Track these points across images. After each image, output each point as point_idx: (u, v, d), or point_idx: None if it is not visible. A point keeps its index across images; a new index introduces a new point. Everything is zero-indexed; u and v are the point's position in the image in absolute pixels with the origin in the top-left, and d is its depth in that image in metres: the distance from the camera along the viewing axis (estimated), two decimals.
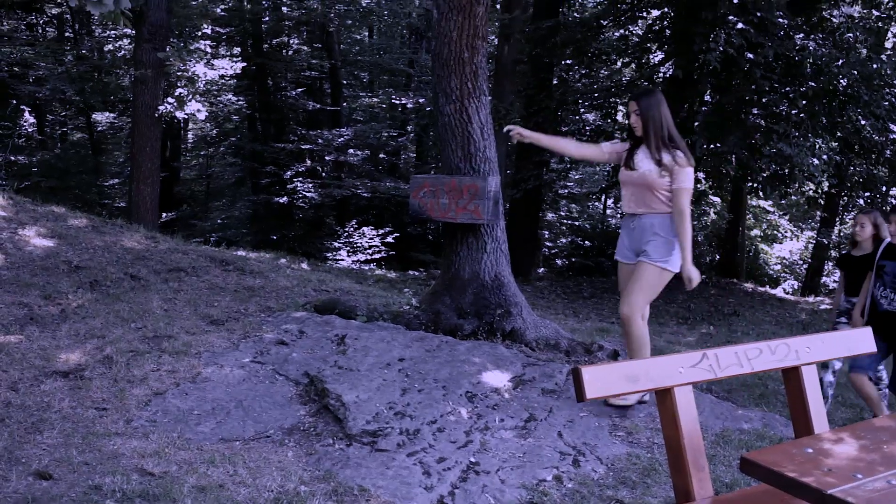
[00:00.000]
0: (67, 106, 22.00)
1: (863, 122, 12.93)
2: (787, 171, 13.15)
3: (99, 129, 21.96)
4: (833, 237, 21.05)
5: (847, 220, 23.31)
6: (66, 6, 19.57)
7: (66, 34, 22.36)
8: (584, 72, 17.15)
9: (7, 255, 6.64)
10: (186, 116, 15.35)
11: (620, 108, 17.10)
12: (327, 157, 21.03)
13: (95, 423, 4.16)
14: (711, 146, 13.28)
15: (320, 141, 20.22)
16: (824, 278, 22.21)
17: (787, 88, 12.86)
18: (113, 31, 21.30)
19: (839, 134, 13.63)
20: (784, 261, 26.17)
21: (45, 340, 5.23)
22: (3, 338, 5.17)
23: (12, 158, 18.63)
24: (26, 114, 21.73)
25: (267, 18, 21.46)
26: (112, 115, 21.81)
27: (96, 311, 5.85)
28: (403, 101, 23.25)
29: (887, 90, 12.68)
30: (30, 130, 22.33)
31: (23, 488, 3.43)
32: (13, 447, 3.79)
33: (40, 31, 21.69)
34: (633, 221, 4.90)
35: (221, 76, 20.56)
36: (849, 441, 2.52)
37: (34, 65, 17.77)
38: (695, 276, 4.66)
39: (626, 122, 4.93)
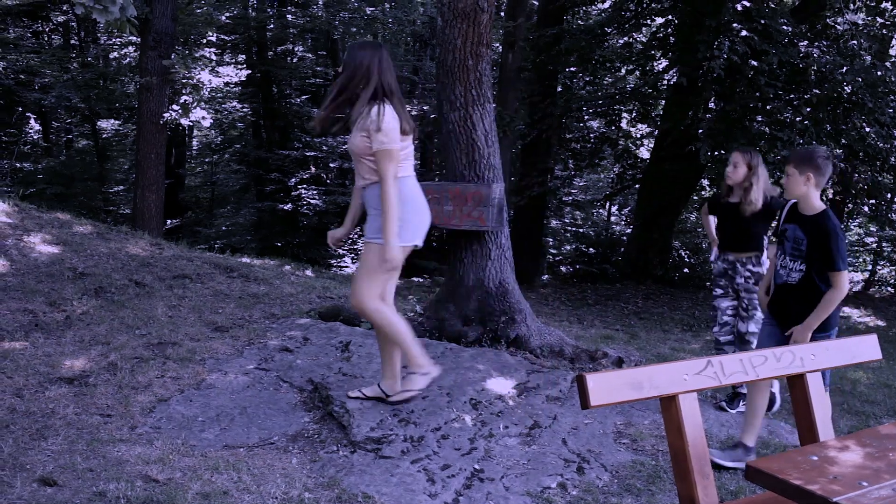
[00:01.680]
0: (73, 113, 22.08)
1: (867, 130, 12.90)
2: None
3: (104, 136, 22.04)
4: None
5: (852, 227, 23.27)
6: (72, 14, 19.65)
7: (72, 42, 22.45)
8: (588, 79, 17.15)
9: (12, 262, 6.65)
10: (191, 123, 15.39)
11: (625, 115, 17.11)
12: (332, 164, 21.07)
13: (100, 429, 4.17)
14: (716, 153, 13.28)
15: (325, 148, 20.27)
16: None
17: (792, 96, 12.85)
18: (118, 39, 21.39)
19: (844, 141, 13.60)
20: None
21: (49, 347, 5.24)
22: (8, 344, 5.18)
23: (18, 165, 18.72)
24: (32, 121, 21.81)
25: (272, 26, 21.53)
26: (117, 122, 21.91)
27: (101, 318, 5.86)
28: (408, 109, 23.28)
29: (892, 97, 12.65)
30: (35, 137, 22.41)
31: (27, 495, 3.43)
32: (18, 453, 3.79)
33: (46, 38, 21.77)
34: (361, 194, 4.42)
35: (226, 83, 20.63)
36: (854, 449, 2.51)
37: (40, 72, 17.85)
38: (395, 257, 4.14)
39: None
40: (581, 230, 23.54)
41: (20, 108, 20.14)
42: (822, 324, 4.17)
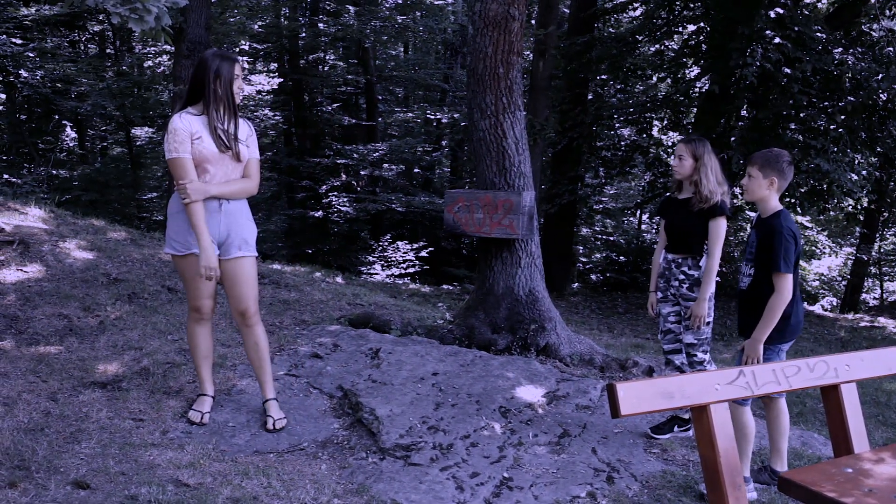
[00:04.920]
0: (108, 121, 22.34)
1: None
2: (825, 186, 13.00)
3: (138, 143, 22.25)
4: (873, 253, 20.71)
5: (888, 236, 22.94)
6: (107, 24, 19.92)
7: (108, 51, 22.74)
8: (619, 87, 17.09)
9: (48, 268, 6.75)
10: None
11: (656, 123, 17.01)
12: (362, 172, 21.15)
13: (132, 433, 4.21)
14: None
15: (355, 156, 20.34)
16: (864, 295, 21.85)
17: (826, 103, 12.72)
18: (153, 48, 21.64)
19: (879, 149, 13.43)
20: (823, 277, 25.84)
21: (83, 351, 5.30)
22: (43, 348, 5.25)
23: (54, 172, 18.94)
24: (68, 129, 22.10)
25: (303, 35, 21.68)
26: (151, 129, 22.13)
27: (134, 323, 5.92)
28: (438, 117, 23.34)
29: None
30: (71, 145, 22.69)
31: (61, 497, 3.47)
32: (52, 456, 3.84)
33: (82, 47, 22.07)
34: (217, 205, 4.23)
35: (258, 92, 20.77)
36: (889, 461, 2.48)
37: (76, 81, 18.07)
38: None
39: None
40: (611, 238, 23.42)
41: (56, 116, 20.42)
42: (773, 335, 3.89)
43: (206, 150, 4.13)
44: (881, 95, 12.24)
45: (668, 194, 4.92)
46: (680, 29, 15.69)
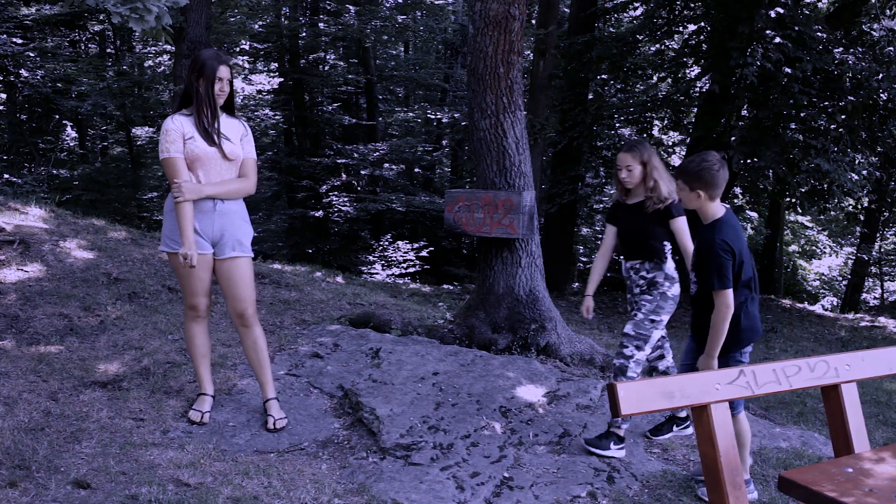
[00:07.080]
0: (108, 120, 22.36)
1: None
2: (825, 186, 13.00)
3: (138, 143, 22.28)
4: (874, 253, 20.71)
5: (889, 235, 22.94)
6: (108, 23, 19.93)
7: (108, 51, 22.77)
8: (619, 86, 17.10)
9: (49, 267, 6.75)
10: None
11: (656, 122, 17.02)
12: (363, 172, 21.15)
13: (133, 433, 4.21)
14: (748, 161, 13.16)
15: (356, 155, 20.36)
16: (865, 294, 21.85)
17: (826, 103, 12.73)
18: (153, 48, 21.67)
19: (879, 149, 13.44)
20: (823, 277, 25.84)
21: (84, 351, 5.30)
22: (43, 348, 5.25)
23: (54, 172, 18.96)
24: (68, 128, 22.12)
25: (304, 34, 21.69)
26: (151, 129, 22.15)
27: (134, 323, 5.92)
28: (438, 116, 23.34)
29: None
30: (71, 144, 22.71)
31: (62, 497, 3.47)
32: (53, 456, 3.84)
33: (83, 47, 22.10)
34: (212, 206, 4.25)
35: (259, 91, 20.78)
36: (890, 461, 2.48)
37: (76, 80, 18.10)
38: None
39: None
40: None
41: (57, 116, 20.45)
42: (728, 344, 3.76)
43: (198, 150, 4.16)
44: (881, 95, 12.25)
45: (616, 200, 4.75)
46: (680, 28, 15.70)
